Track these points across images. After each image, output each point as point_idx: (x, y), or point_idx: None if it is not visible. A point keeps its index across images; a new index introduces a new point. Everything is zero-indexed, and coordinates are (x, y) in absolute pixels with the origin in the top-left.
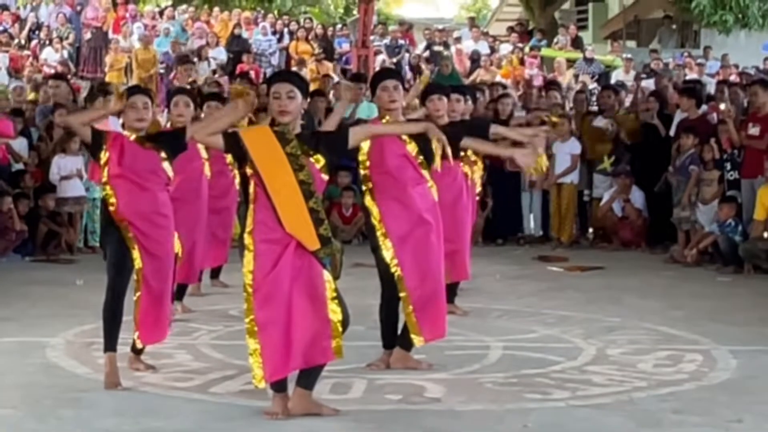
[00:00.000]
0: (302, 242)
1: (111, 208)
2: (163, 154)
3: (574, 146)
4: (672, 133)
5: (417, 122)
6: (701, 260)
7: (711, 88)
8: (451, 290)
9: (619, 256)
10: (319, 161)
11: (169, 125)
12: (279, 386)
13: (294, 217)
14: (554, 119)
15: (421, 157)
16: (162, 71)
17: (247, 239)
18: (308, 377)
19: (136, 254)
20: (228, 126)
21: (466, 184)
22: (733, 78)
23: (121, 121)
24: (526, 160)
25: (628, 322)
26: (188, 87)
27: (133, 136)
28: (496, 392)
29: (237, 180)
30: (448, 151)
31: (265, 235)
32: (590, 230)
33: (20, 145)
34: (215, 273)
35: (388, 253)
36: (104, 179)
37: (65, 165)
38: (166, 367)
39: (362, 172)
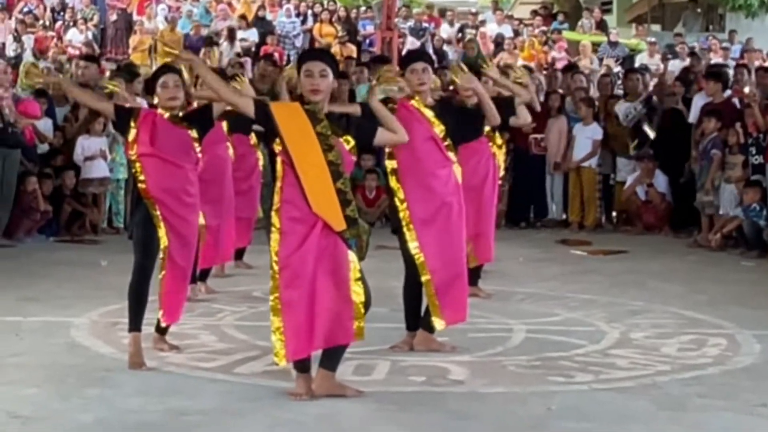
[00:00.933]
0: (328, 222)
1: (141, 186)
2: (194, 134)
3: (595, 131)
4: (691, 117)
5: (371, 101)
6: (725, 245)
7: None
8: (475, 273)
9: (643, 240)
10: (348, 142)
11: (196, 104)
12: (302, 367)
13: (321, 197)
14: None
15: (449, 140)
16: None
17: (274, 218)
18: (331, 358)
19: (162, 233)
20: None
21: (493, 164)
22: (758, 62)
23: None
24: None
25: (652, 306)
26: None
27: (166, 114)
28: (519, 375)
29: (261, 162)
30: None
31: (291, 214)
32: (614, 214)
33: (45, 125)
34: (239, 254)
35: (410, 235)
36: (133, 156)
37: (89, 146)
38: (191, 348)
39: (387, 150)
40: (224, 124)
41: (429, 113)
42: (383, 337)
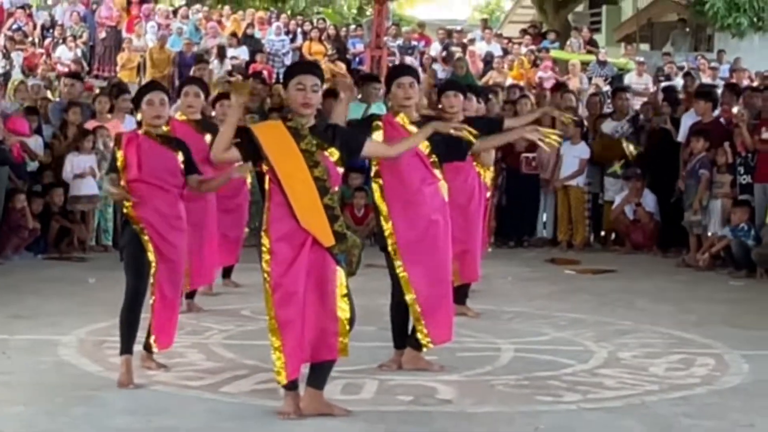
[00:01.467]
0: (317, 238)
1: (125, 211)
2: (180, 157)
3: (583, 150)
4: (680, 136)
5: (423, 128)
6: (713, 264)
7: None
8: (463, 292)
9: (632, 259)
10: (333, 155)
11: (177, 116)
12: (291, 385)
13: (309, 213)
14: (565, 119)
15: (434, 156)
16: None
17: (264, 238)
18: (318, 377)
19: (151, 257)
20: (233, 127)
21: (478, 184)
22: (746, 82)
23: (138, 118)
24: (534, 134)
25: (640, 326)
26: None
27: (152, 132)
28: (507, 394)
29: (249, 180)
30: (469, 131)
31: (280, 233)
32: (602, 233)
33: (36, 143)
34: (227, 272)
35: (395, 254)
36: (123, 183)
37: (78, 163)
38: (178, 366)
39: (374, 168)
40: (207, 138)
41: (414, 130)
42: (371, 356)
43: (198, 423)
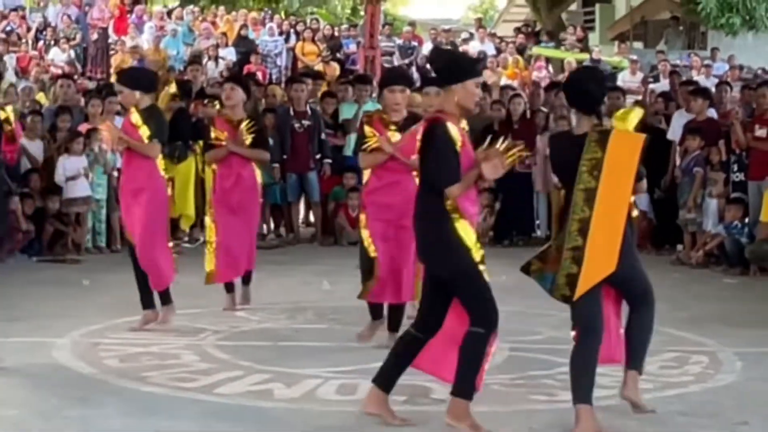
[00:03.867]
0: None
1: None
2: None
3: None
4: (670, 134)
5: None
6: (707, 262)
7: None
8: None
9: None
10: None
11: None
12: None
13: None
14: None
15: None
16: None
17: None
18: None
19: None
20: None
21: None
22: (739, 83)
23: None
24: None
25: None
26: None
27: None
28: (502, 393)
29: (259, 180)
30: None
31: None
32: None
33: (38, 148)
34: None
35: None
36: None
37: (70, 165)
38: (172, 368)
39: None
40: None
41: (396, 136)
42: (365, 357)
43: (192, 425)
